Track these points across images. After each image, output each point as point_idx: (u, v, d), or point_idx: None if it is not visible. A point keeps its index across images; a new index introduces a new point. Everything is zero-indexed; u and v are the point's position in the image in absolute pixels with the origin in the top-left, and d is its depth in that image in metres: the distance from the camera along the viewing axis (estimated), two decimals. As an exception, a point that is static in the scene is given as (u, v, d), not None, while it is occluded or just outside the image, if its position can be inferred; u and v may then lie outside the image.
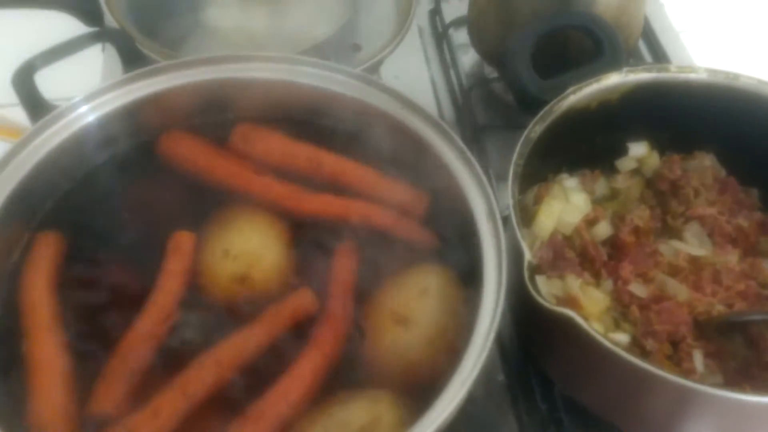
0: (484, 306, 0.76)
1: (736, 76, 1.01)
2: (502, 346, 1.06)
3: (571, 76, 1.02)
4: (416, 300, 0.84)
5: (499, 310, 0.75)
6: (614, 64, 1.05)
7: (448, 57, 1.45)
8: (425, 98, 1.37)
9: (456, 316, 0.82)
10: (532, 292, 0.81)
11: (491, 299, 0.76)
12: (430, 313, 0.83)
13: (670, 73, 1.03)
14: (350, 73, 0.96)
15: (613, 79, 1.01)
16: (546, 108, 0.97)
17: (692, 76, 1.02)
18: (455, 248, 0.88)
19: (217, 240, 0.87)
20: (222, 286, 0.84)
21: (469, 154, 0.86)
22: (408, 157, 0.92)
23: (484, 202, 0.84)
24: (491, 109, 1.35)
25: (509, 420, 0.99)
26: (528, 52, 1.04)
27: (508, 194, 0.89)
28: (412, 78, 1.39)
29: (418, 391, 0.77)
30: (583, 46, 1.12)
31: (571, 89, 0.98)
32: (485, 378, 1.02)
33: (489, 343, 0.72)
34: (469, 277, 0.84)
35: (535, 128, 0.95)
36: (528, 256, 0.84)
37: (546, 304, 0.80)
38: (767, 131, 1.02)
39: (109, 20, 1.16)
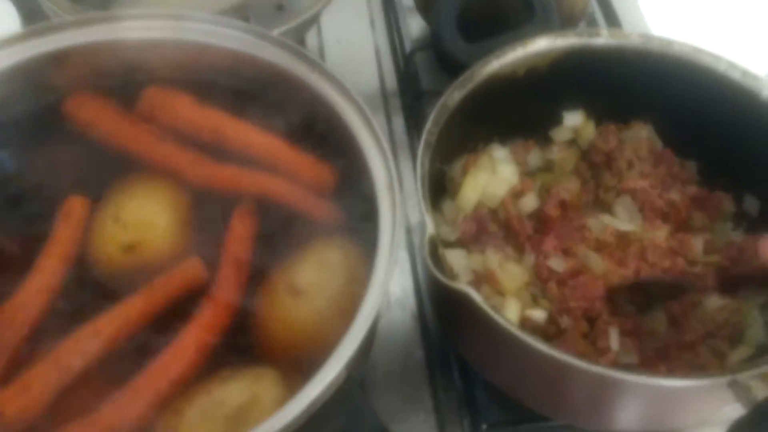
0: (373, 283, 0.72)
1: (670, 43, 0.95)
2: (423, 321, 1.03)
3: (498, 40, 0.97)
4: (312, 272, 0.80)
5: (384, 288, 0.71)
6: (545, 28, 1.00)
7: (393, 20, 1.39)
8: (367, 63, 1.32)
9: (353, 292, 0.78)
10: (431, 267, 0.77)
11: (380, 276, 0.72)
12: (325, 286, 0.79)
13: (602, 38, 0.97)
14: (264, 35, 0.90)
15: (541, 44, 0.95)
16: (466, 73, 0.92)
17: (624, 41, 0.97)
18: (359, 221, 0.83)
19: (109, 206, 0.83)
20: (110, 254, 0.80)
21: (372, 120, 0.82)
22: (314, 123, 0.87)
23: (384, 172, 0.79)
24: (435, 75, 1.29)
25: (424, 397, 0.96)
26: (453, 13, 0.99)
27: (417, 164, 0.85)
28: (354, 42, 1.34)
29: (309, 369, 0.74)
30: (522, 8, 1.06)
31: (493, 54, 0.93)
32: (403, 354, 1.00)
33: (370, 322, 0.69)
34: (372, 252, 0.80)
35: (454, 95, 0.91)
36: (430, 229, 0.80)
37: (443, 280, 0.76)
38: (703, 100, 0.97)
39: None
